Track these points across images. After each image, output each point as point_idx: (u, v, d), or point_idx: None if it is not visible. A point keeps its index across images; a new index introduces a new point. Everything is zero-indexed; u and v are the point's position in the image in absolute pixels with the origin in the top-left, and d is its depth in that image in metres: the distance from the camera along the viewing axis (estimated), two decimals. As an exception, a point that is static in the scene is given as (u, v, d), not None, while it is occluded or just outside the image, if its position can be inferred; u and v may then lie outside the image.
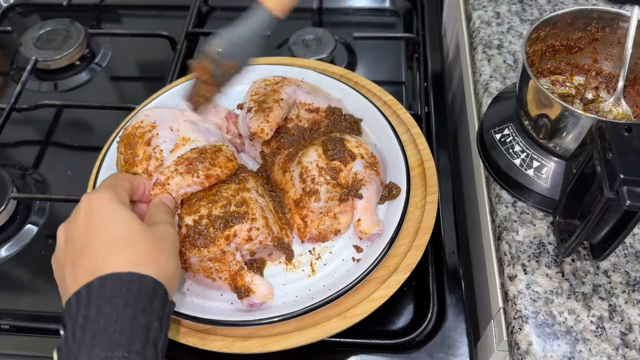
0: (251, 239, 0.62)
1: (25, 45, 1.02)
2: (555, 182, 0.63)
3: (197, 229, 0.61)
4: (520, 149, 0.66)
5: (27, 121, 0.95)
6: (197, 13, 1.08)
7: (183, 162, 0.64)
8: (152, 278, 0.47)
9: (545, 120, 0.60)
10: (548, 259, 0.62)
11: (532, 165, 0.64)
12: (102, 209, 0.51)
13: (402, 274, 0.65)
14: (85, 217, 0.50)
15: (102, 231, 0.49)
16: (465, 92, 0.92)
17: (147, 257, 0.48)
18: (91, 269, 0.46)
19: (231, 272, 0.62)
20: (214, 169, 0.64)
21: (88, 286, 0.45)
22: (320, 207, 0.66)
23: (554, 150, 0.63)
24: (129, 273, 0.46)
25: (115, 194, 0.53)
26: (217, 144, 0.67)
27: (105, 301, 0.44)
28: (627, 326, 0.57)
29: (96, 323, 0.43)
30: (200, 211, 0.62)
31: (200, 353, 0.62)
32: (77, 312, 0.44)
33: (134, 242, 0.49)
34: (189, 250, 0.61)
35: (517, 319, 0.59)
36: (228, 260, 0.62)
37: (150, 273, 0.47)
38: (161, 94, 0.82)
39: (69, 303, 0.46)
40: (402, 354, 0.64)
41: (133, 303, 0.45)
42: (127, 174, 0.61)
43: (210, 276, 0.62)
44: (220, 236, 0.61)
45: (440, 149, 0.83)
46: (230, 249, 0.62)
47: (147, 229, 0.51)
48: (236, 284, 0.62)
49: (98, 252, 0.48)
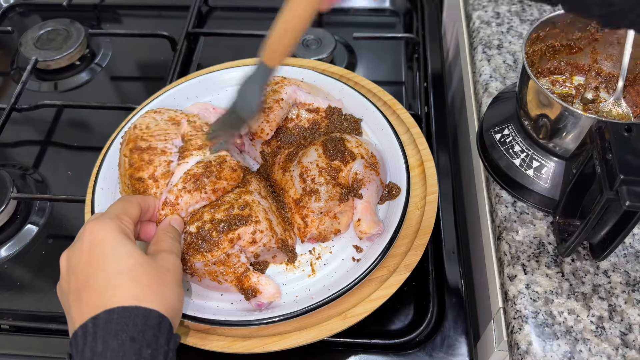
0: (255, 242, 0.62)
1: (25, 45, 1.03)
2: (555, 182, 0.63)
3: (200, 235, 0.61)
4: (520, 149, 0.66)
5: (28, 121, 0.95)
6: (197, 13, 1.08)
7: (190, 179, 0.63)
8: (157, 312, 0.47)
9: (545, 120, 0.60)
10: (548, 259, 0.62)
11: (532, 165, 0.65)
12: (104, 242, 0.50)
13: (402, 274, 0.65)
14: (88, 249, 0.50)
15: (105, 265, 0.49)
16: (465, 92, 0.92)
17: (151, 291, 0.48)
18: (96, 302, 0.46)
19: (237, 274, 0.62)
20: (220, 182, 0.64)
21: (94, 319, 0.45)
22: (320, 207, 0.66)
23: (553, 150, 0.63)
24: (135, 307, 0.46)
25: (119, 225, 0.52)
26: (221, 155, 0.67)
27: (111, 335, 0.44)
28: (627, 326, 0.57)
29: (102, 358, 0.44)
30: (203, 217, 0.62)
31: (201, 353, 0.62)
32: (84, 345, 0.45)
33: (138, 276, 0.49)
34: (193, 256, 0.60)
35: (517, 319, 0.59)
36: (233, 263, 0.61)
37: (155, 307, 0.47)
38: (161, 94, 0.82)
39: (75, 335, 0.46)
40: (402, 354, 0.64)
41: (139, 338, 0.45)
42: (137, 198, 0.60)
43: (217, 279, 0.62)
44: (224, 239, 0.61)
45: (440, 149, 0.83)
46: (235, 252, 0.62)
47: (150, 261, 0.51)
48: (242, 285, 0.62)
49: (102, 286, 0.47)
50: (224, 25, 1.09)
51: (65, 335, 0.68)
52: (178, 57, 0.99)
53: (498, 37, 0.85)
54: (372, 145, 0.73)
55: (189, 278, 0.64)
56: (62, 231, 0.81)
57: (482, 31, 0.86)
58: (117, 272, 0.48)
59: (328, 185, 0.66)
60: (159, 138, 0.68)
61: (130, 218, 0.55)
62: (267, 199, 0.67)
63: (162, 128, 0.69)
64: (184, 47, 1.01)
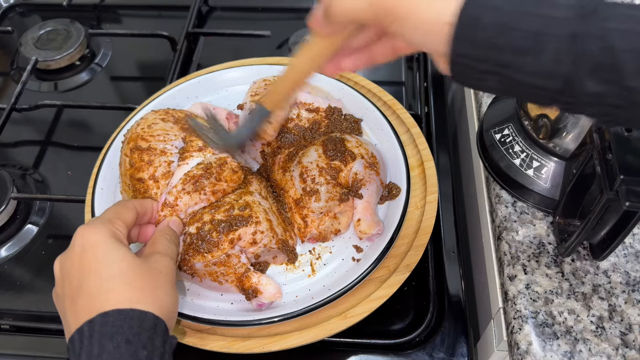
0: (256, 242, 0.62)
1: (25, 45, 1.03)
2: (555, 182, 0.63)
3: (200, 235, 0.61)
4: (520, 149, 0.66)
5: (28, 121, 0.95)
6: (197, 13, 1.08)
7: (189, 181, 0.63)
8: (152, 314, 0.47)
9: (545, 120, 0.60)
10: (548, 259, 0.62)
11: (532, 165, 0.65)
12: (95, 247, 0.50)
13: (402, 273, 0.65)
14: (80, 253, 0.50)
15: (97, 269, 0.49)
16: (465, 92, 0.92)
17: (145, 294, 0.48)
18: (91, 306, 0.47)
19: (237, 274, 0.62)
20: (220, 184, 0.64)
21: (90, 322, 0.45)
22: (320, 207, 0.66)
23: (553, 151, 0.63)
24: (130, 310, 0.46)
25: (110, 229, 0.52)
26: (222, 157, 0.67)
27: (107, 338, 0.44)
28: (627, 326, 0.57)
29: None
30: (203, 217, 0.62)
31: (200, 353, 0.62)
32: (80, 349, 0.45)
33: (130, 279, 0.49)
34: (193, 257, 0.60)
35: (516, 319, 0.59)
36: (233, 263, 0.61)
37: (149, 309, 0.47)
38: (161, 94, 0.82)
39: (72, 340, 0.46)
40: (402, 354, 0.64)
41: (134, 340, 0.45)
42: (134, 202, 0.60)
43: (217, 280, 0.62)
44: (224, 240, 0.60)
45: (440, 149, 0.83)
46: (235, 252, 0.62)
47: (142, 264, 0.51)
48: (243, 285, 0.62)
49: (95, 290, 0.48)
50: (224, 25, 1.09)
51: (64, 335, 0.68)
52: (178, 57, 0.99)
53: (498, 37, 0.85)
54: (372, 145, 0.73)
55: (189, 279, 0.64)
56: (62, 231, 0.81)
57: (482, 31, 0.86)
58: (110, 276, 0.48)
59: (328, 185, 0.66)
60: (159, 139, 0.68)
61: (123, 222, 0.55)
62: (267, 200, 0.67)
63: (163, 128, 0.69)
64: (184, 47, 1.01)
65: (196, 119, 0.71)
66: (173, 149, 0.68)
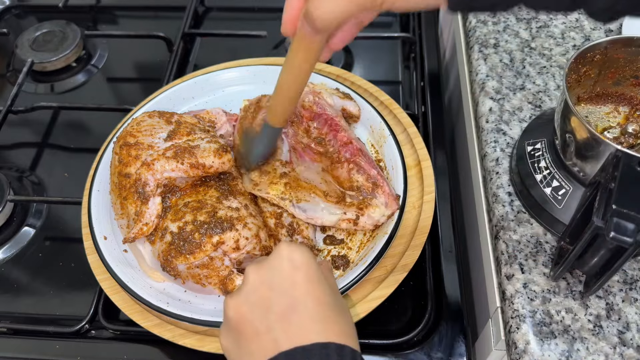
0: (239, 248, 0.61)
1: (21, 47, 1.02)
2: (570, 206, 0.62)
3: (182, 235, 0.60)
4: (545, 166, 0.64)
5: (24, 123, 0.95)
6: (193, 14, 1.07)
7: (172, 148, 0.64)
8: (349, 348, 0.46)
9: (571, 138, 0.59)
10: (545, 258, 0.62)
11: (551, 183, 0.63)
12: (309, 269, 0.49)
13: (400, 273, 0.65)
14: (292, 270, 0.48)
15: (315, 293, 0.47)
16: (462, 91, 0.92)
17: (351, 330, 0.48)
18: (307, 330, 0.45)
19: (220, 277, 0.61)
20: (203, 159, 0.64)
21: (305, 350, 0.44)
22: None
23: (575, 174, 0.61)
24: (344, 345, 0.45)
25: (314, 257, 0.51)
26: (214, 139, 0.67)
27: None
28: (624, 324, 0.57)
29: None
30: (186, 217, 0.61)
31: (198, 354, 0.62)
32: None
33: (343, 311, 0.49)
34: (175, 258, 0.60)
35: (514, 318, 0.59)
36: (216, 266, 0.60)
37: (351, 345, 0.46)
38: (158, 95, 0.82)
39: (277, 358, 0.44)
40: (400, 354, 0.64)
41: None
42: None
43: (200, 282, 0.61)
44: (207, 242, 0.59)
45: (437, 149, 0.83)
46: (218, 254, 0.60)
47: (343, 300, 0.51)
48: (227, 288, 0.61)
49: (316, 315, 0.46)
50: (220, 26, 1.09)
51: (62, 337, 0.68)
52: (174, 58, 0.99)
53: (494, 36, 0.85)
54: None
55: (173, 280, 0.63)
56: (59, 233, 0.81)
57: (478, 30, 0.86)
58: (329, 304, 0.47)
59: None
60: (146, 133, 0.67)
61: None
62: (252, 204, 0.67)
63: (150, 124, 0.69)
64: (180, 48, 1.01)
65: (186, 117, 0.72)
66: (160, 142, 0.67)
